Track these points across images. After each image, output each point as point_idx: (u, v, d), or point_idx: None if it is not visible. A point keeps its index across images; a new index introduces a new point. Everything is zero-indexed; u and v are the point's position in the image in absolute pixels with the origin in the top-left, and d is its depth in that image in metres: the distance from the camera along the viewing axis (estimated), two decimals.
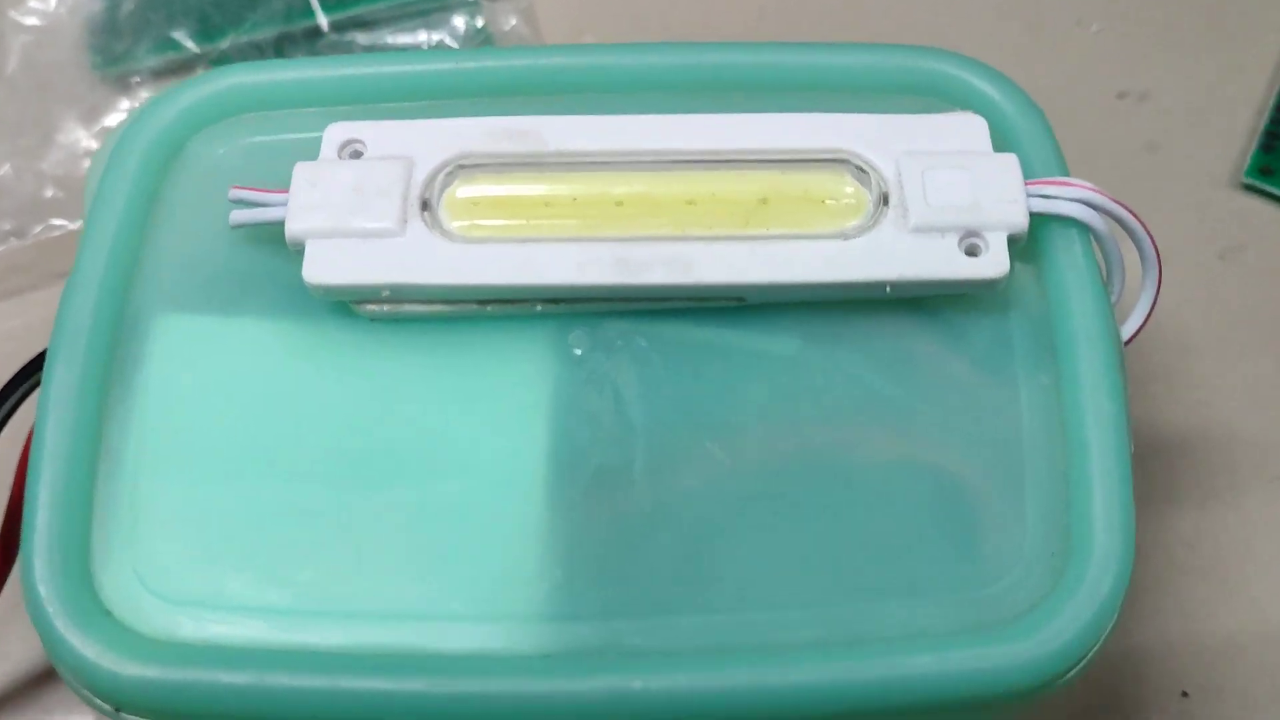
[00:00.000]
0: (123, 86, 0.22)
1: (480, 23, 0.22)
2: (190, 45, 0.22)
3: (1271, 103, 0.23)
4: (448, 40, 0.21)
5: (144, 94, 0.21)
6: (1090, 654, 0.13)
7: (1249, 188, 0.22)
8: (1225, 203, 0.22)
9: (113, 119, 0.21)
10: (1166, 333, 0.21)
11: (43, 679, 0.18)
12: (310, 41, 0.22)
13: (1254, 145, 0.22)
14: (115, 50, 0.22)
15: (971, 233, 0.14)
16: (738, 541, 0.13)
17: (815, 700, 0.13)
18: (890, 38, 0.23)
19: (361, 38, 0.22)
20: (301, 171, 0.15)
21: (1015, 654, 0.13)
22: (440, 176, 0.15)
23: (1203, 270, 0.22)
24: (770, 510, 0.13)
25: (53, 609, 0.13)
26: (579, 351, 0.14)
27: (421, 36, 0.22)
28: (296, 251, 0.14)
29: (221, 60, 0.22)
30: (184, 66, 0.22)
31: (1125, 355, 0.15)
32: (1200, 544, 0.19)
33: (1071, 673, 0.13)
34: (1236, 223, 0.22)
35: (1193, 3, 0.24)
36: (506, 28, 0.22)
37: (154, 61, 0.22)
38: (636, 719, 0.13)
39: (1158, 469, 0.20)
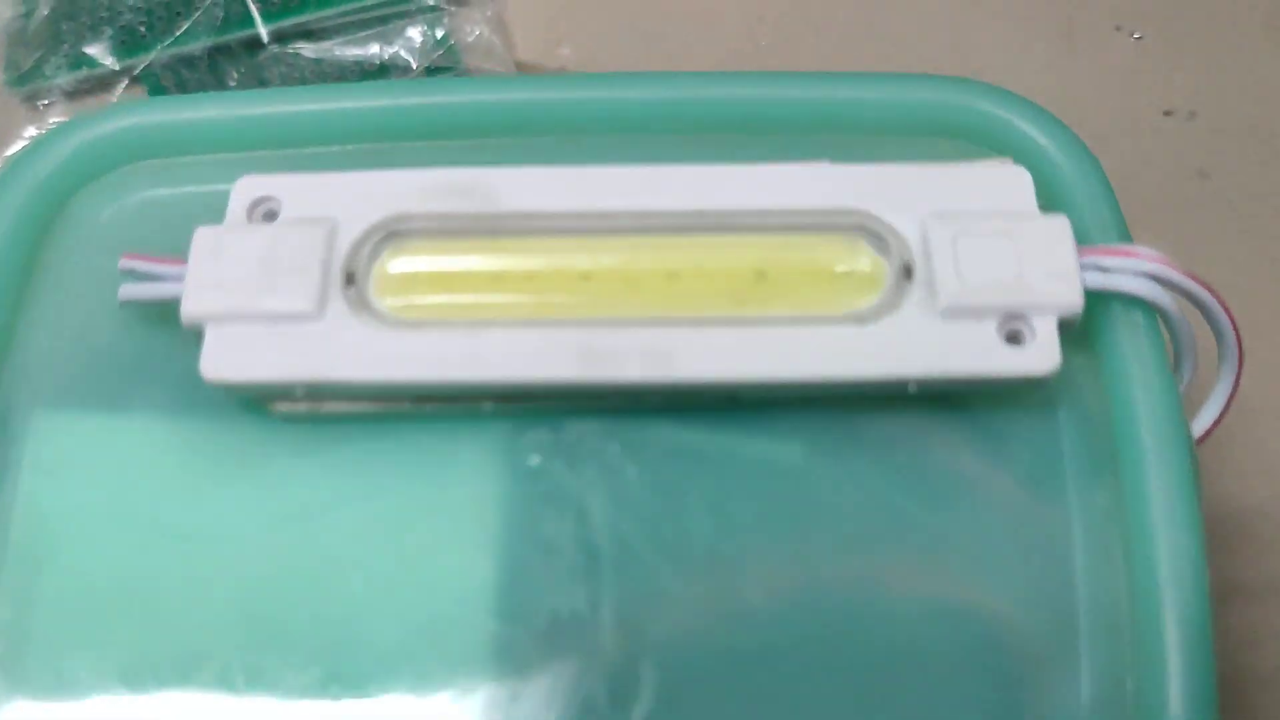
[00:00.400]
0: (31, 108, 0.19)
1: (441, 33, 0.19)
2: (109, 61, 0.19)
3: None
4: (403, 54, 0.19)
5: (53, 118, 0.19)
6: None
7: None
8: None
9: (16, 146, 0.19)
10: (1249, 400, 0.19)
11: None
12: (250, 55, 0.19)
13: None
14: (23, 64, 0.19)
15: (1014, 316, 0.12)
16: (729, 709, 0.11)
17: None
18: (906, 56, 0.21)
19: (307, 50, 0.19)
20: (203, 239, 0.12)
21: None
22: (369, 244, 0.12)
23: (1268, 319, 0.19)
24: (769, 668, 0.11)
25: None
26: (536, 460, 0.12)
27: (374, 49, 0.19)
28: (194, 336, 0.12)
29: (145, 78, 0.19)
30: (102, 84, 0.19)
31: (1198, 458, 0.12)
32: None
33: None
34: None
35: (1248, 5, 0.21)
36: (471, 38, 0.19)
37: (67, 79, 0.19)
38: None
39: (1254, 567, 0.17)
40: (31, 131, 0.19)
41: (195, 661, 0.11)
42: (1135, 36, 0.21)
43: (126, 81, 0.19)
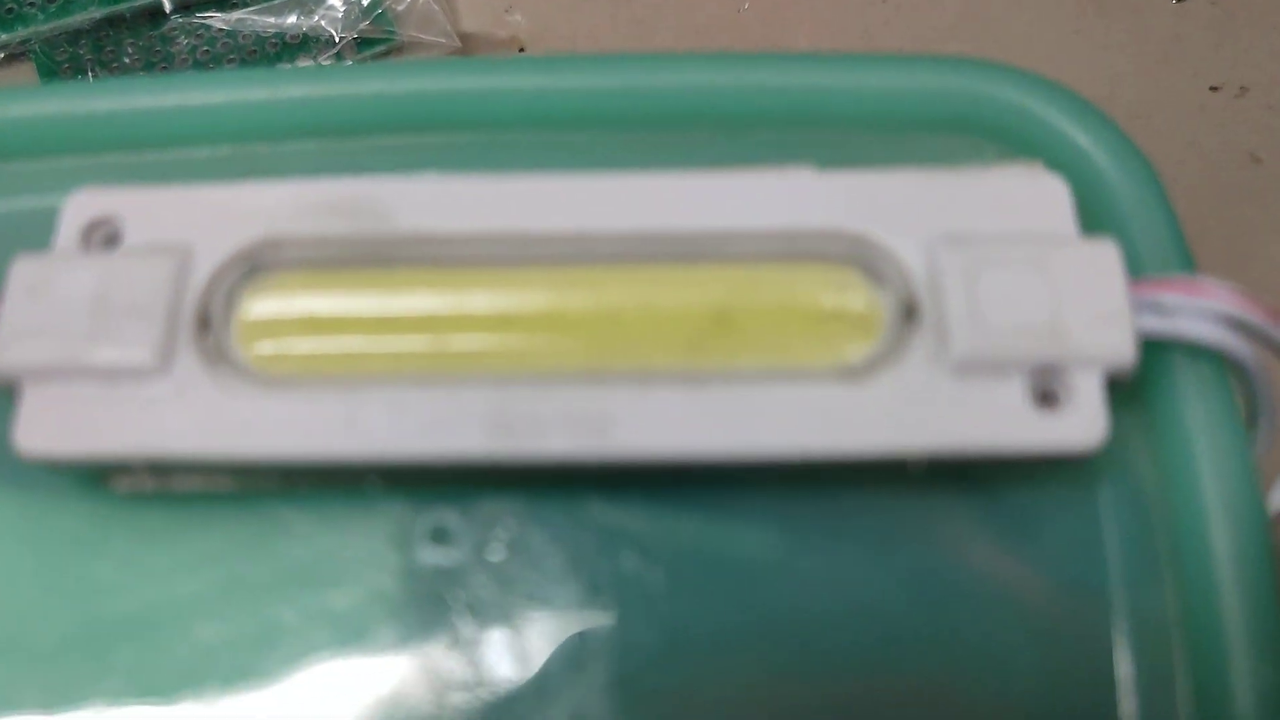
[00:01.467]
0: None
1: (374, 6, 0.17)
2: None
3: None
4: (325, 24, 0.16)
5: None
6: None
7: None
8: None
9: None
10: None
11: None
12: (151, 26, 0.17)
13: None
14: None
15: (1048, 371, 0.09)
16: None
17: None
18: (913, 29, 0.18)
19: (218, 20, 0.17)
20: (22, 272, 0.10)
21: None
22: (230, 278, 0.10)
23: None
24: None
25: None
26: (435, 555, 0.09)
27: (292, 19, 0.16)
28: (9, 396, 0.09)
29: (32, 55, 0.16)
30: None
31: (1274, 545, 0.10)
32: None
33: None
34: None
35: None
36: (403, 6, 0.16)
37: None
38: None
39: None
40: None
41: None
42: (1175, 2, 0.18)
43: (2, 56, 0.17)
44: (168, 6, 0.17)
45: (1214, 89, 0.18)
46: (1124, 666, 0.09)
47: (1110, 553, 0.09)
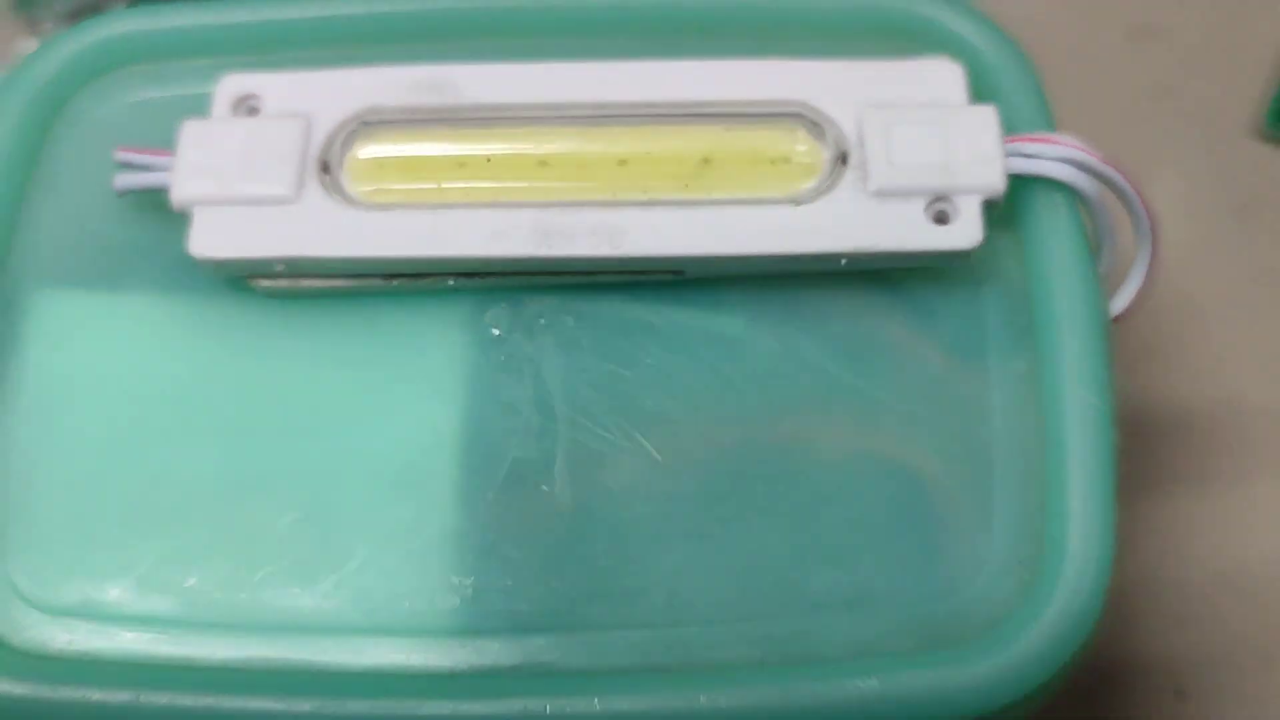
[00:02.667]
0: (35, 29, 0.20)
1: None
2: None
3: None
4: None
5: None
6: (1058, 675, 0.11)
7: (1272, 138, 0.20)
8: (1244, 154, 0.20)
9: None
10: (1173, 296, 0.19)
11: None
12: None
13: (1277, 91, 0.20)
14: None
15: (941, 197, 0.12)
16: (668, 548, 0.12)
17: None
18: None
19: None
20: (189, 130, 0.13)
21: (972, 676, 0.11)
22: (342, 135, 0.13)
23: (1216, 229, 0.20)
24: (706, 512, 0.12)
25: None
26: (497, 331, 0.13)
27: None
28: (182, 220, 0.13)
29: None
30: (95, 7, 0.20)
31: (1115, 334, 0.13)
32: (1201, 530, 0.18)
33: (1036, 696, 0.11)
34: (1256, 176, 0.20)
35: None
36: None
37: (67, 3, 0.20)
38: None
39: (1159, 448, 0.18)
40: (33, 46, 0.20)
41: (184, 507, 0.12)
42: None
43: (117, 5, 0.20)
44: None
45: (1130, 32, 0.21)
46: (993, 405, 0.12)
47: (988, 330, 0.13)
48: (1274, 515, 0.18)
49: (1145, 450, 0.18)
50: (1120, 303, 0.13)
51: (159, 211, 0.13)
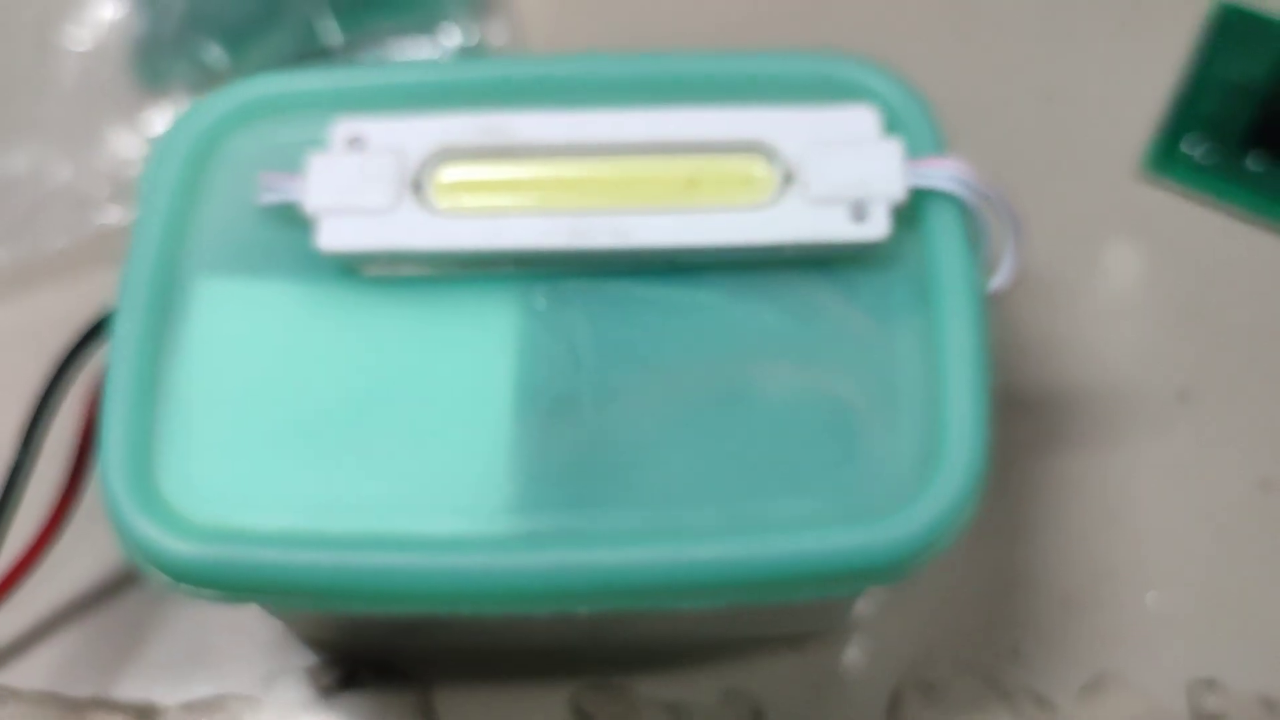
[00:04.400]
0: (163, 99, 0.25)
1: (475, 39, 0.25)
2: (221, 63, 0.25)
3: (1168, 104, 0.26)
4: (446, 49, 0.25)
5: (181, 105, 0.25)
6: (946, 538, 0.16)
7: (1148, 179, 0.25)
8: (1127, 190, 0.25)
9: (156, 126, 0.25)
10: (1070, 300, 0.24)
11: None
12: (324, 57, 0.25)
13: (1151, 140, 0.25)
14: (157, 68, 0.26)
15: (858, 203, 0.17)
16: (663, 452, 0.17)
17: (723, 573, 0.16)
18: (832, 40, 0.27)
19: (370, 53, 0.25)
20: (316, 160, 0.18)
21: (882, 534, 0.16)
22: (429, 163, 0.18)
23: (1104, 248, 0.25)
24: (690, 428, 0.17)
25: (123, 503, 0.16)
26: (541, 305, 0.18)
27: (422, 50, 0.25)
28: (310, 225, 0.18)
29: (248, 75, 0.25)
30: (215, 80, 0.25)
31: (990, 305, 0.18)
32: (1086, 481, 0.22)
33: (929, 553, 0.16)
34: (1136, 208, 0.25)
35: (1100, 6, 0.27)
36: (498, 42, 0.25)
37: (189, 77, 0.25)
38: (580, 586, 0.16)
39: (1055, 420, 0.23)
40: (167, 113, 0.25)
41: (314, 429, 0.17)
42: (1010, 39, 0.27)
43: (229, 80, 0.25)
44: (337, 45, 0.25)
45: (1040, 95, 0.26)
46: (900, 350, 0.17)
47: (896, 298, 0.17)
48: (1142, 466, 0.22)
49: (1038, 421, 0.23)
50: (994, 282, 0.18)
51: (290, 220, 0.18)
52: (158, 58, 0.26)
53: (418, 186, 0.18)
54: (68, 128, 0.25)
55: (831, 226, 0.17)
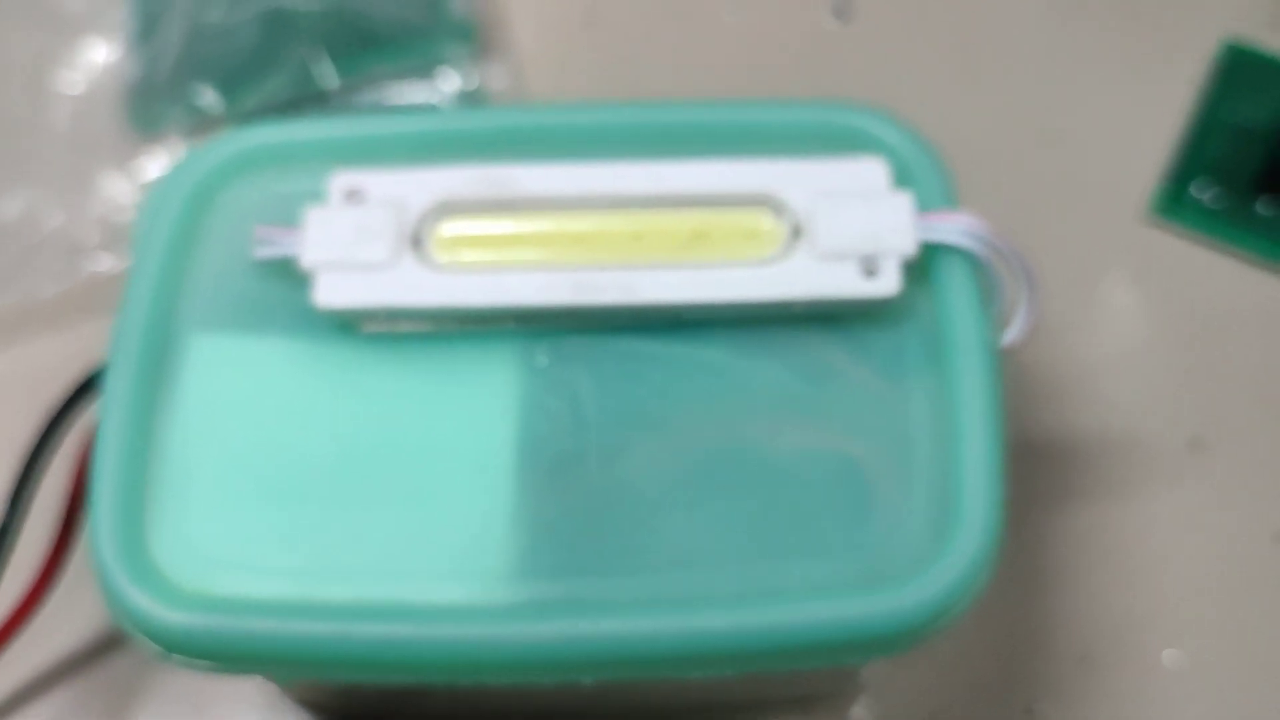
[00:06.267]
0: (157, 144, 0.25)
1: (475, 84, 0.25)
2: (216, 107, 0.25)
3: (1175, 147, 0.25)
4: (445, 94, 0.24)
5: (175, 150, 0.24)
6: (962, 604, 0.16)
7: (1155, 223, 0.25)
8: (1135, 235, 0.25)
9: (150, 172, 0.24)
10: (1078, 346, 0.24)
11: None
12: (322, 102, 0.25)
13: (1159, 185, 0.25)
14: (151, 113, 0.25)
15: (868, 258, 0.17)
16: (671, 514, 0.16)
17: (733, 643, 0.15)
18: (837, 88, 0.27)
19: (368, 97, 0.25)
20: (313, 214, 0.18)
21: (897, 602, 0.15)
22: (429, 217, 0.18)
23: (1112, 293, 0.24)
24: (699, 488, 0.16)
25: (112, 568, 0.16)
26: (543, 362, 0.17)
27: (420, 95, 0.25)
28: (308, 281, 0.17)
29: (244, 120, 0.25)
30: (210, 125, 0.25)
31: (1004, 360, 0.17)
32: (1098, 534, 0.22)
33: (945, 620, 0.15)
34: (1144, 252, 0.25)
35: (1107, 50, 0.27)
36: (498, 87, 0.25)
37: (184, 122, 0.25)
38: (585, 657, 0.15)
39: (1066, 471, 0.23)
40: (161, 160, 0.24)
41: (310, 490, 0.16)
42: (1017, 82, 0.27)
43: (227, 124, 0.25)
44: (334, 89, 0.25)
45: (1042, 138, 0.26)
46: (912, 408, 0.17)
47: (907, 355, 0.17)
48: (1156, 518, 0.22)
49: (1049, 472, 0.22)
50: (1008, 337, 0.18)
51: (285, 276, 0.18)
52: (151, 102, 0.25)
53: (417, 241, 0.17)
54: (60, 173, 0.25)
55: (841, 282, 0.17)
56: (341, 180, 0.18)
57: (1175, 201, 0.25)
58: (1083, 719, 0.20)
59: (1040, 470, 0.22)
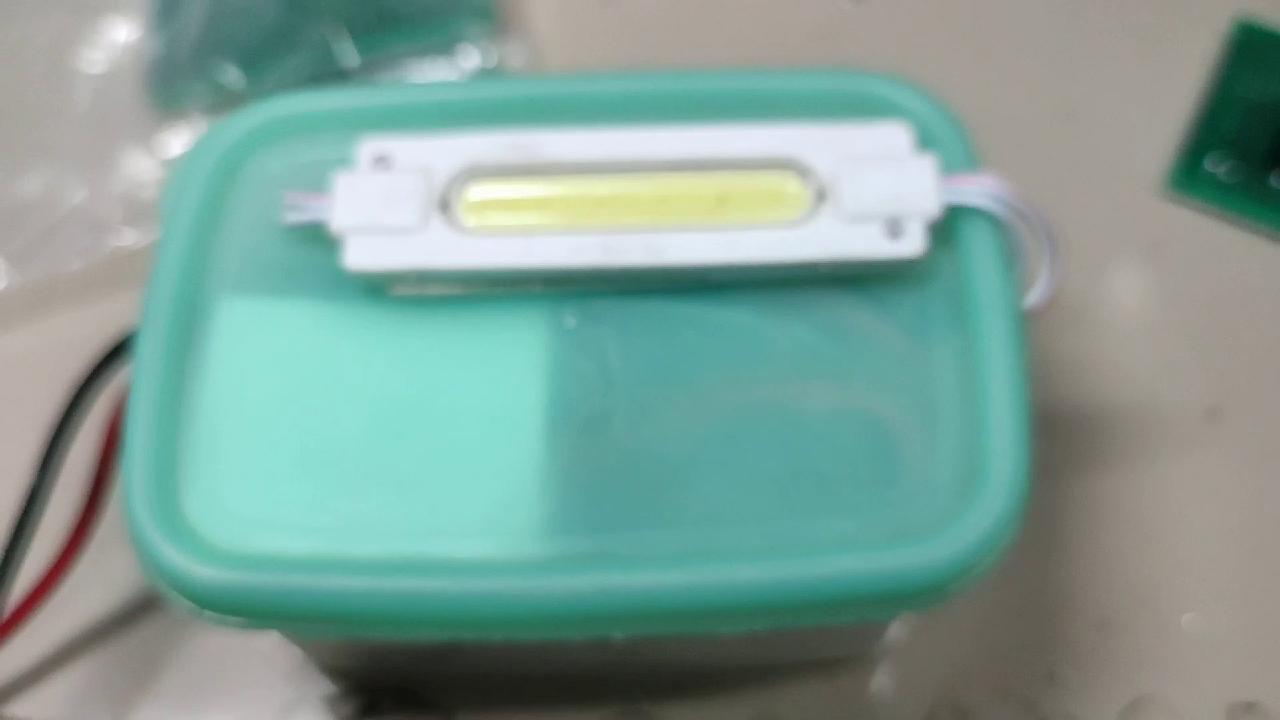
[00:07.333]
0: (179, 121, 0.25)
1: (494, 62, 0.25)
2: (237, 85, 0.25)
3: (1189, 122, 0.26)
4: (465, 71, 0.25)
5: (197, 127, 0.25)
6: (988, 560, 0.16)
7: (1170, 197, 0.25)
8: (1150, 208, 0.25)
9: (172, 148, 0.25)
10: (1096, 319, 0.24)
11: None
12: (342, 79, 0.25)
13: (1174, 159, 0.25)
14: (173, 90, 0.25)
15: (893, 220, 0.17)
16: (700, 472, 0.16)
17: (763, 595, 0.15)
18: (855, 58, 0.27)
19: (387, 75, 0.25)
20: (342, 180, 0.18)
21: (924, 556, 0.15)
22: (456, 181, 0.18)
23: (1128, 266, 0.25)
24: (727, 447, 0.16)
25: (146, 527, 0.16)
26: (571, 323, 0.17)
27: (440, 73, 0.25)
28: (337, 245, 0.17)
29: (265, 97, 0.25)
30: (231, 101, 0.25)
31: (1027, 322, 0.17)
32: (1117, 502, 0.22)
33: (971, 575, 0.16)
34: (1159, 226, 0.25)
35: (1120, 27, 0.27)
36: (516, 64, 0.25)
37: (205, 99, 0.25)
38: (615, 611, 0.15)
39: (1085, 440, 0.23)
40: (183, 136, 0.25)
41: (342, 450, 0.16)
42: (1030, 57, 0.27)
43: (248, 102, 0.25)
44: (355, 66, 0.25)
45: (1059, 113, 0.26)
46: (937, 368, 0.17)
47: (932, 316, 0.17)
48: (1175, 484, 0.22)
49: (1069, 441, 0.22)
50: (1031, 299, 0.18)
51: (314, 241, 0.18)
52: (173, 80, 0.25)
53: (445, 205, 0.18)
54: (82, 150, 0.25)
55: (866, 244, 0.17)
56: (370, 146, 0.18)
57: (1190, 176, 0.25)
58: (1104, 682, 0.20)
59: (1060, 439, 0.22)
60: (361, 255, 0.17)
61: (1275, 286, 0.24)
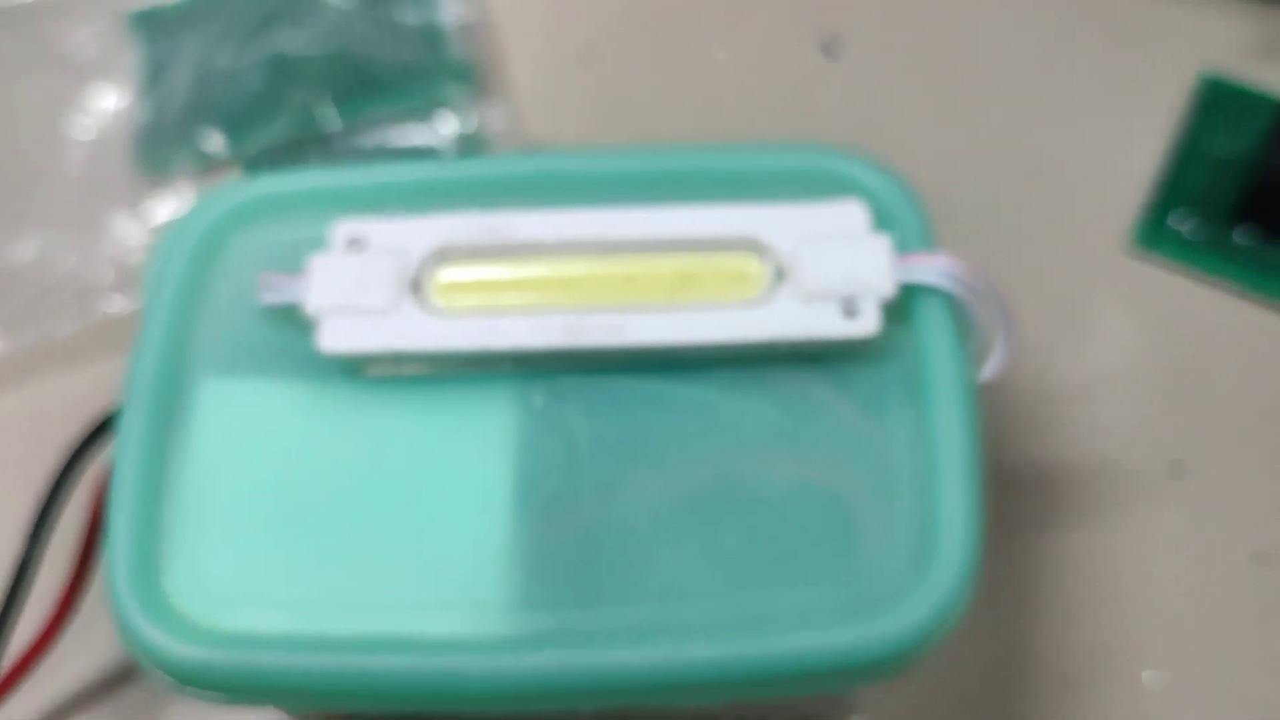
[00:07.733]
0: (166, 187, 0.26)
1: (474, 126, 0.26)
2: (222, 151, 0.26)
3: (1155, 179, 0.26)
4: (445, 135, 0.25)
5: (184, 193, 0.25)
6: (941, 631, 0.16)
7: (1136, 255, 0.26)
8: (1116, 264, 0.26)
9: (159, 214, 0.25)
10: (1061, 375, 0.24)
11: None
12: (323, 144, 0.26)
13: (1139, 216, 0.26)
14: (159, 156, 0.26)
15: (849, 300, 0.18)
16: (662, 547, 0.17)
17: (721, 670, 0.16)
18: (826, 121, 0.27)
19: (369, 139, 0.26)
20: (317, 262, 0.18)
21: (880, 631, 0.16)
22: (428, 263, 0.18)
23: (1093, 322, 0.25)
24: (689, 522, 0.17)
25: (128, 606, 0.16)
26: (539, 402, 0.18)
27: (421, 137, 0.25)
28: (312, 326, 0.18)
29: (250, 162, 0.25)
30: (217, 167, 0.26)
31: (982, 395, 0.18)
32: (1081, 558, 0.22)
33: (926, 647, 0.16)
34: (1124, 282, 0.25)
35: (1089, 81, 0.28)
36: (496, 128, 0.25)
37: (192, 165, 0.26)
38: (581, 687, 0.16)
39: (1049, 494, 0.23)
40: (169, 201, 0.25)
41: (315, 528, 0.17)
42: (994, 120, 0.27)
43: (233, 166, 0.26)
44: (339, 129, 0.26)
45: (1020, 171, 0.27)
46: (893, 443, 0.17)
47: (888, 391, 0.18)
48: (1140, 543, 0.22)
49: (1033, 496, 0.23)
50: (986, 372, 0.18)
51: (292, 320, 0.18)
52: (160, 146, 0.26)
53: (417, 286, 0.18)
54: (72, 216, 0.26)
55: (823, 323, 0.18)
56: (344, 228, 0.19)
57: (1155, 232, 0.26)
58: None
59: (1024, 494, 0.23)
60: (335, 338, 0.18)
61: (1238, 342, 0.25)
